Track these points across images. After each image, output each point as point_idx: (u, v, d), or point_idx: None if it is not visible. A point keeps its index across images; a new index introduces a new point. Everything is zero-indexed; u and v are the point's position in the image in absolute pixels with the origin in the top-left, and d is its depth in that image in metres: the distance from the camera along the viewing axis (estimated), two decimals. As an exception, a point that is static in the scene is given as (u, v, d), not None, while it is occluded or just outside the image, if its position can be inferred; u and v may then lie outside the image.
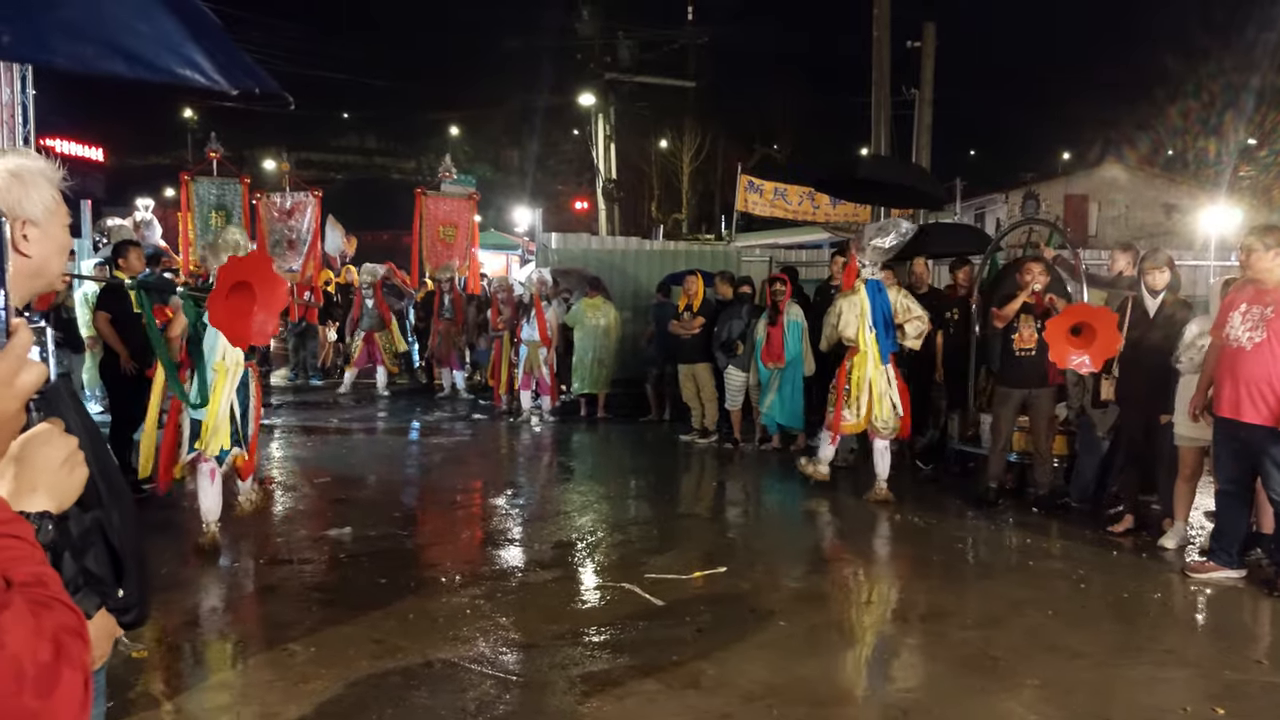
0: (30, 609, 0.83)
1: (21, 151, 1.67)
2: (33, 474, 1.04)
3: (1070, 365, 6.46)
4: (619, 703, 3.88)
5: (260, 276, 5.63)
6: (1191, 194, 26.33)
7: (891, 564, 5.90)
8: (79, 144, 27.92)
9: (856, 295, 7.32)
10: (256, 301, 5.58)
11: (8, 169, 1.55)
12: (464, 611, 4.91)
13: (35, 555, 0.93)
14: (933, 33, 16.67)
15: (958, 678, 4.17)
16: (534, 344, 11.13)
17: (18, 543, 0.92)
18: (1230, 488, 5.46)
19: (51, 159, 1.71)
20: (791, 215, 18.16)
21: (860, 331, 7.26)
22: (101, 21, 2.98)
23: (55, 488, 1.07)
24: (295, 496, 7.57)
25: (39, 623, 0.83)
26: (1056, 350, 6.43)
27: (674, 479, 8.57)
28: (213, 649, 4.44)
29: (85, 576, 1.63)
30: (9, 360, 0.93)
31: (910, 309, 7.43)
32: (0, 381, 0.92)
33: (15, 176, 1.54)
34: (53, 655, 0.82)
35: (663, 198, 36.95)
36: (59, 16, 3.02)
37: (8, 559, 0.89)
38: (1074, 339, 6.40)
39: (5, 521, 0.93)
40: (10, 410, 0.94)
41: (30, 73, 7.70)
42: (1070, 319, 6.48)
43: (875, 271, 7.35)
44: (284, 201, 13.55)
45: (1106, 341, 6.27)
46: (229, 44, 3.50)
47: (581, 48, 26.24)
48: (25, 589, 0.87)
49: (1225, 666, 4.32)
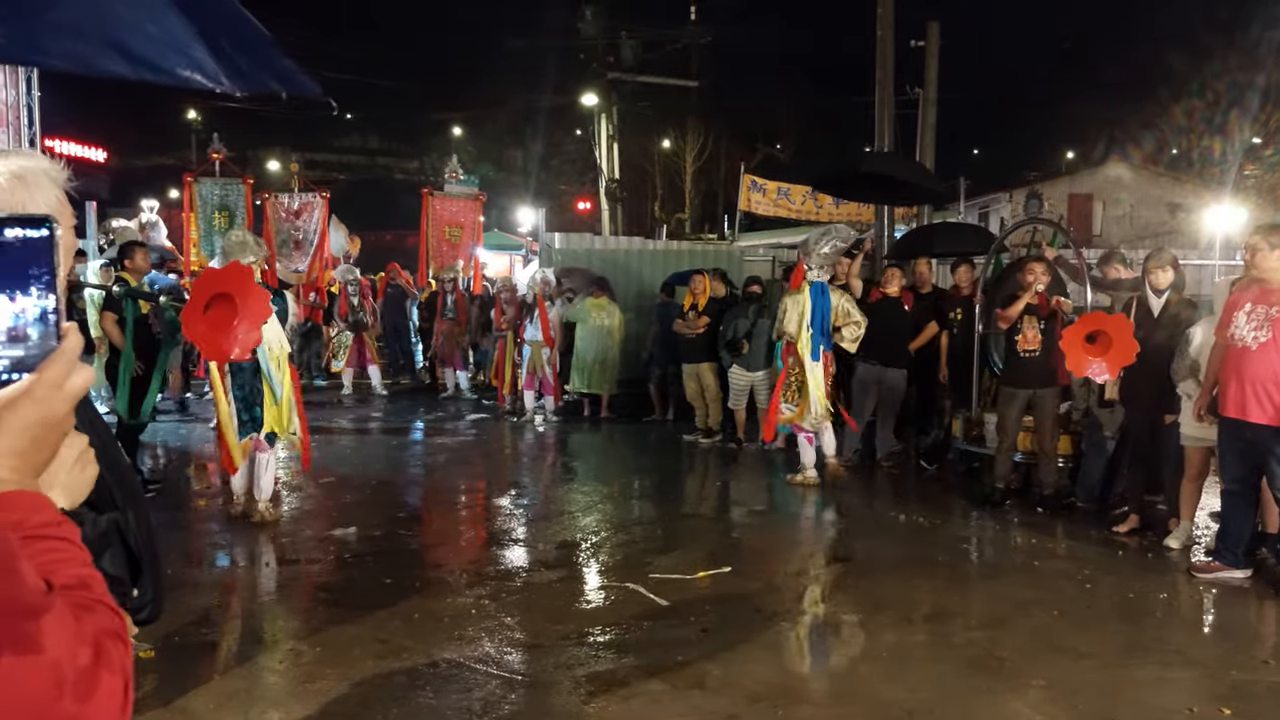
0: (72, 612, 0.83)
1: (25, 153, 1.66)
2: (50, 472, 1.04)
3: (1087, 373, 6.44)
4: (624, 703, 3.88)
5: (240, 288, 5.58)
6: (1196, 193, 26.27)
7: (896, 564, 5.89)
8: (83, 145, 27.93)
9: (801, 295, 7.79)
10: (238, 313, 5.54)
11: (11, 170, 1.54)
12: (469, 611, 4.92)
13: (80, 557, 0.94)
14: (936, 32, 16.62)
15: (963, 678, 4.17)
16: (537, 344, 11.14)
17: (64, 545, 0.92)
18: (1236, 487, 5.45)
19: (56, 160, 1.71)
20: (795, 214, 18.17)
21: (800, 329, 7.74)
22: (104, 22, 2.98)
23: (70, 485, 1.09)
24: (301, 496, 7.58)
25: (80, 626, 0.83)
26: (1074, 359, 6.40)
27: (678, 479, 8.57)
28: (219, 648, 4.44)
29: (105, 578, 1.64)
30: (60, 363, 0.94)
31: (850, 313, 7.93)
32: (52, 384, 0.93)
33: (18, 178, 1.54)
34: (92, 659, 0.82)
35: (666, 197, 36.94)
36: (57, 17, 3.01)
37: (52, 561, 0.89)
38: (1090, 347, 6.38)
39: (52, 523, 0.93)
40: (61, 412, 0.95)
41: (35, 74, 7.71)
42: (1086, 327, 6.46)
43: (820, 275, 7.83)
44: (292, 202, 13.58)
45: (1123, 349, 6.24)
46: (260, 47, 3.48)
47: (584, 47, 26.23)
48: (68, 591, 0.87)
49: (1232, 667, 4.31)
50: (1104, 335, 6.35)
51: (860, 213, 16.20)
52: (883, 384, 8.54)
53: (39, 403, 0.93)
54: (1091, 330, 6.42)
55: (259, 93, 3.52)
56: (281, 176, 27.07)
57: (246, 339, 5.64)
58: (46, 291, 0.93)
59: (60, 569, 0.89)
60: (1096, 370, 6.37)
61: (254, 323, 5.65)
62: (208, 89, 3.17)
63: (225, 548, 6.32)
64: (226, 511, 6.78)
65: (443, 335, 13.29)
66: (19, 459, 0.92)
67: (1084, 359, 6.37)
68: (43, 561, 0.89)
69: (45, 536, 0.91)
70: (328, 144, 46.64)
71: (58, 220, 0.95)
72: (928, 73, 16.63)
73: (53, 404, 0.94)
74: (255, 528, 6.41)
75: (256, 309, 5.66)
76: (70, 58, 2.99)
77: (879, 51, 13.96)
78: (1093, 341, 6.39)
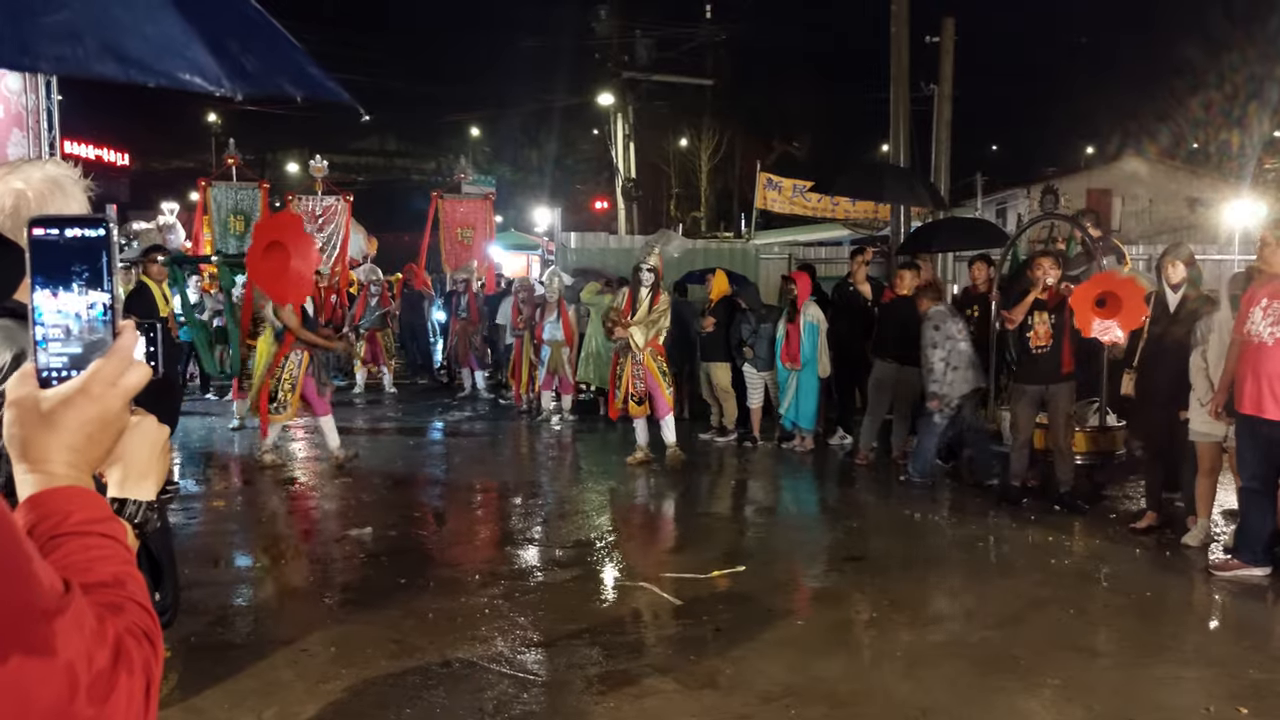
0: (95, 611, 0.83)
1: (55, 160, 1.70)
2: (143, 463, 1.09)
3: (1095, 334, 6.48)
4: (636, 702, 3.89)
5: (291, 235, 5.83)
6: (1215, 187, 25.98)
7: (912, 562, 5.87)
8: (104, 149, 28.20)
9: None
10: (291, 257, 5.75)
11: (48, 176, 1.57)
12: (482, 611, 4.93)
13: (121, 555, 0.94)
14: (952, 28, 16.52)
15: (978, 677, 4.15)
16: (558, 343, 11.09)
17: (106, 542, 0.93)
18: (1254, 485, 5.39)
19: (76, 165, 1.73)
20: (811, 212, 18.12)
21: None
22: (100, 25, 2.99)
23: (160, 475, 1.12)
24: (317, 496, 7.63)
25: (101, 627, 0.83)
26: (1081, 318, 6.43)
27: (693, 477, 8.56)
28: (233, 648, 4.47)
29: None
30: (116, 360, 0.95)
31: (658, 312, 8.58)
32: (106, 380, 0.94)
33: (56, 184, 1.56)
34: (111, 661, 0.82)
35: (681, 196, 36.90)
36: (51, 21, 3.03)
37: (89, 559, 0.90)
38: (1099, 310, 6.40)
39: (97, 520, 0.93)
40: (115, 409, 0.96)
41: (55, 80, 7.78)
42: (1096, 288, 6.46)
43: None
44: (315, 205, 13.66)
45: (1132, 310, 6.24)
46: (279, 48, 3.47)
47: (599, 47, 26.21)
48: (101, 589, 0.88)
49: (1250, 665, 4.27)
50: (1114, 297, 6.35)
51: (877, 210, 16.13)
52: (899, 382, 8.54)
53: (95, 400, 0.94)
54: (1101, 293, 6.42)
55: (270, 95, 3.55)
56: (301, 179, 27.20)
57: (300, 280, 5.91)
58: (103, 289, 0.95)
59: (97, 566, 0.90)
60: (1103, 329, 6.38)
61: (305, 268, 5.89)
62: (208, 91, 3.18)
63: (241, 548, 6.37)
64: (244, 510, 6.84)
65: (456, 335, 13.33)
66: (74, 454, 0.94)
67: (1092, 318, 6.38)
68: (78, 559, 0.90)
69: (86, 533, 0.92)
70: (345, 146, 46.81)
71: (113, 219, 0.97)
72: (943, 69, 16.54)
73: (108, 401, 0.95)
74: (272, 527, 6.46)
75: (307, 252, 5.89)
76: (63, 61, 3.01)
77: (893, 48, 13.88)
78: (1103, 306, 6.40)
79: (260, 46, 3.41)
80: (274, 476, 8.20)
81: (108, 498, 1.04)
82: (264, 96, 3.60)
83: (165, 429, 1.13)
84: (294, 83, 3.56)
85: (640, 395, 8.58)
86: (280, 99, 3.80)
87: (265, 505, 7.51)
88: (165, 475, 1.15)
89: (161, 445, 1.12)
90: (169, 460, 1.16)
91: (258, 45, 3.40)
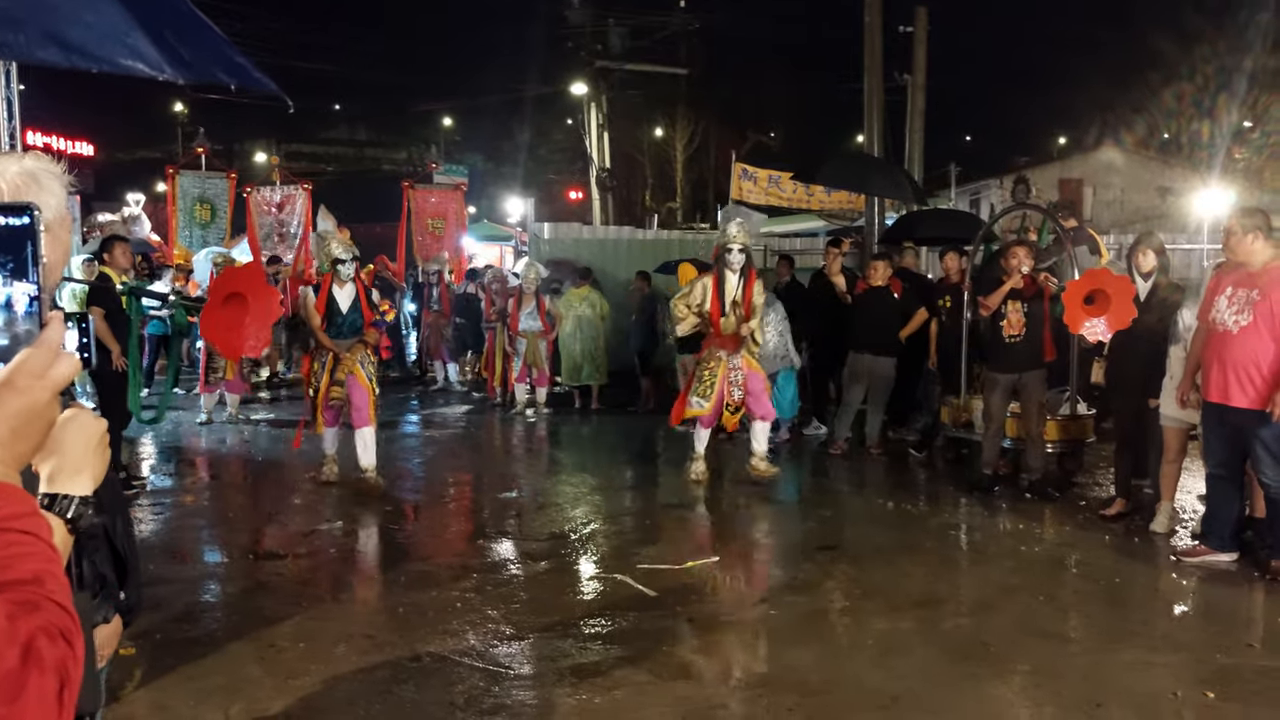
0: (5, 609, 0.81)
1: (33, 153, 1.66)
2: (78, 457, 1.06)
3: (1083, 331, 6.50)
4: (608, 694, 3.87)
5: (253, 288, 5.69)
6: (1185, 177, 26.27)
7: (884, 551, 5.88)
8: (67, 139, 27.79)
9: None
10: (249, 313, 5.62)
11: (25, 169, 1.53)
12: (454, 605, 4.90)
13: (43, 553, 0.91)
14: (925, 17, 16.58)
15: (949, 664, 4.16)
16: (534, 334, 10.99)
17: (28, 539, 0.90)
18: (1220, 471, 5.45)
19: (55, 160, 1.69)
20: (786, 203, 18.12)
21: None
22: (39, 12, 2.99)
23: (96, 469, 1.10)
24: (286, 490, 7.55)
25: (12, 625, 0.81)
26: (1071, 315, 6.45)
27: (667, 470, 8.55)
28: (200, 644, 4.41)
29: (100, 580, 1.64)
30: (42, 351, 0.93)
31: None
32: (32, 373, 0.92)
33: (32, 178, 1.53)
34: (20, 660, 0.80)
35: (657, 186, 36.84)
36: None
37: (9, 555, 0.87)
38: (1089, 308, 6.42)
39: (19, 516, 0.90)
40: (42, 401, 0.94)
41: (14, 68, 7.64)
42: (1086, 285, 6.49)
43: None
44: (273, 195, 13.52)
45: (1121, 309, 6.27)
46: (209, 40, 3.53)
47: (572, 35, 26.10)
48: (17, 587, 0.85)
49: (1216, 651, 4.31)
50: (1103, 295, 6.37)
51: (852, 201, 16.17)
52: (872, 373, 8.57)
53: (20, 392, 0.92)
54: (1091, 290, 6.44)
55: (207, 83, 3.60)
56: (265, 169, 26.98)
57: (258, 337, 5.75)
58: (28, 280, 0.92)
59: (16, 564, 0.87)
60: (1092, 329, 6.41)
61: (263, 322, 5.74)
62: (150, 76, 3.18)
63: (209, 543, 6.30)
64: (211, 505, 6.76)
65: (428, 327, 13.23)
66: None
67: (1081, 317, 6.40)
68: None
69: (6, 529, 0.89)
70: (315, 136, 46.47)
71: (39, 208, 0.94)
72: (916, 59, 16.59)
73: (34, 393, 0.93)
74: (241, 522, 6.39)
75: (266, 309, 5.75)
76: (6, 48, 3.00)
77: (867, 37, 13.90)
78: (1091, 303, 6.42)
79: (193, 37, 3.47)
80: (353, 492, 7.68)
81: (40, 493, 1.01)
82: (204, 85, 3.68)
83: (103, 422, 1.10)
84: (226, 72, 3.64)
85: (737, 404, 7.52)
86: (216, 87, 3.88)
87: (233, 500, 7.43)
88: (104, 470, 1.12)
89: (99, 439, 1.09)
90: (108, 455, 1.13)
91: (191, 36, 3.45)
